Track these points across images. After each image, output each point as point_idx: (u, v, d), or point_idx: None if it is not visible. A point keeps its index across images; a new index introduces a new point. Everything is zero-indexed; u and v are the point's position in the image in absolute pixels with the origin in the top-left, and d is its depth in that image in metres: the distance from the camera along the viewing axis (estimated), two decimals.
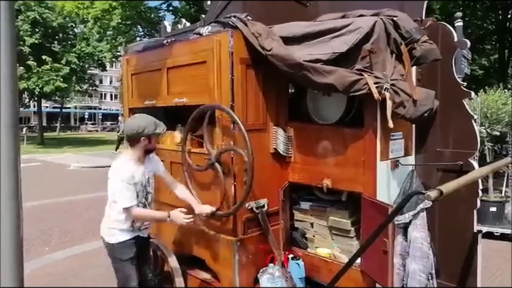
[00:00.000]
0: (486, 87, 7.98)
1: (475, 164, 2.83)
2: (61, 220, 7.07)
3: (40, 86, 22.32)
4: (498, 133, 6.61)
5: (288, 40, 2.87)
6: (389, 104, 2.54)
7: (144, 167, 2.82)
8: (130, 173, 2.71)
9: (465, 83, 2.95)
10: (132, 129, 2.71)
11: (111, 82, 56.29)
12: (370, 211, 2.69)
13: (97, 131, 49.56)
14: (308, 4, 3.74)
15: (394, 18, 2.69)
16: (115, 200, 2.73)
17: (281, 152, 3.14)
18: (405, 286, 2.56)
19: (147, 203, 2.87)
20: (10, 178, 1.89)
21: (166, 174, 3.04)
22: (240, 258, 2.95)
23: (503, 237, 5.48)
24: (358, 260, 2.64)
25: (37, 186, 9.98)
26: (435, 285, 2.68)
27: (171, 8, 17.16)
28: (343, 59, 2.64)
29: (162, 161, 3.11)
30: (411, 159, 3.05)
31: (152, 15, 17.20)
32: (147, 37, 16.41)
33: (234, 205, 2.86)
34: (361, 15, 2.80)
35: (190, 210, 2.88)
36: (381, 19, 2.63)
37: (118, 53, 18.07)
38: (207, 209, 2.89)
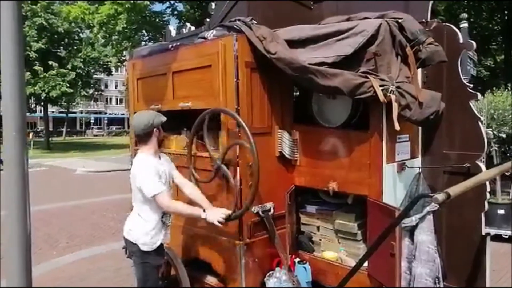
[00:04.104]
0: (494, 88, 7.93)
1: (482, 166, 2.81)
2: (68, 224, 7.11)
3: (46, 91, 22.52)
4: (505, 135, 6.56)
5: (293, 43, 2.88)
6: (395, 106, 2.53)
7: (162, 163, 2.83)
8: (154, 164, 2.72)
9: (471, 85, 2.94)
10: (144, 124, 2.72)
11: (116, 86, 56.67)
12: (377, 214, 2.68)
13: (103, 135, 49.86)
14: (312, 6, 3.75)
15: (399, 20, 2.69)
16: (143, 190, 2.64)
17: (286, 156, 3.14)
18: None
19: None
20: (18, 183, 1.92)
21: (178, 173, 3.00)
22: (246, 262, 2.94)
23: (511, 239, 5.43)
24: (365, 264, 2.63)
25: (44, 190, 10.04)
26: None
27: (175, 12, 17.27)
28: (348, 62, 2.64)
29: None
30: (418, 162, 3.03)
31: (157, 20, 17.30)
32: (152, 41, 16.50)
33: (240, 209, 2.85)
34: (365, 18, 2.79)
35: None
36: (386, 21, 2.63)
37: (124, 58, 18.22)
38: (223, 212, 2.71)
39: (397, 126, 2.52)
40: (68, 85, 23.08)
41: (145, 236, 2.72)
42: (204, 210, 2.74)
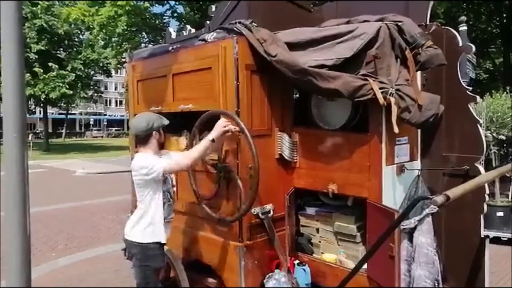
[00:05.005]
0: (493, 91, 7.95)
1: (481, 168, 2.82)
2: (67, 226, 7.10)
3: (46, 92, 22.50)
4: (504, 137, 6.57)
5: (293, 46, 2.88)
6: (394, 109, 2.54)
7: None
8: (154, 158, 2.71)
9: (470, 88, 2.95)
10: (143, 126, 2.71)
11: (116, 88, 56.62)
12: (376, 216, 2.68)
13: (102, 137, 49.83)
14: (312, 9, 3.76)
15: (399, 23, 2.70)
16: (152, 174, 2.61)
17: (286, 158, 3.14)
18: None
19: (171, 198, 2.89)
20: (18, 184, 1.92)
21: (174, 154, 2.95)
22: (246, 264, 2.94)
23: (510, 242, 5.43)
24: (364, 266, 2.63)
25: (43, 192, 10.03)
26: None
27: (175, 14, 17.26)
28: (348, 65, 2.65)
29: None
30: (417, 164, 3.04)
31: (157, 22, 17.30)
32: (152, 43, 16.50)
33: (240, 210, 2.85)
34: (365, 21, 2.81)
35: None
36: (386, 24, 2.64)
37: (123, 60, 18.19)
38: (219, 125, 2.74)
39: (396, 129, 2.53)
40: (67, 86, 23.07)
41: (148, 230, 2.70)
42: (213, 140, 2.73)
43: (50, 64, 22.77)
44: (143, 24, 16.38)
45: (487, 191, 2.81)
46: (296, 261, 3.17)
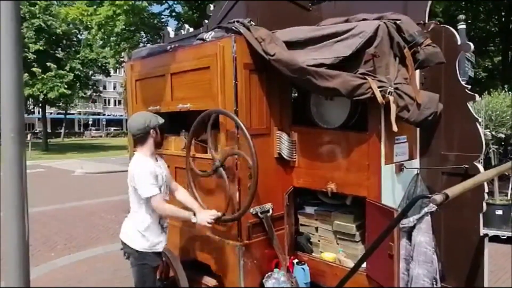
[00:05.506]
0: (492, 90, 7.96)
1: (481, 167, 2.82)
2: (66, 226, 7.09)
3: (44, 92, 22.47)
4: (503, 136, 6.58)
5: (292, 45, 2.88)
6: (393, 107, 2.54)
7: (159, 165, 2.82)
8: (151, 165, 2.70)
9: (469, 86, 2.95)
10: (139, 125, 2.72)
11: (114, 87, 56.59)
12: (375, 215, 2.68)
13: (101, 136, 49.80)
14: (311, 8, 3.76)
15: (397, 22, 2.70)
16: (138, 190, 2.65)
17: (285, 157, 3.14)
18: None
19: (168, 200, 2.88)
20: (17, 184, 1.91)
21: (170, 177, 3.00)
22: (245, 263, 2.94)
23: (509, 240, 5.44)
24: (364, 265, 2.63)
25: (42, 192, 10.01)
26: None
27: (174, 14, 17.26)
28: (346, 63, 2.64)
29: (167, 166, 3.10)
30: (416, 163, 3.04)
31: (155, 21, 17.30)
32: (150, 43, 16.50)
33: (239, 210, 2.85)
34: (364, 19, 2.80)
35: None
36: (384, 23, 2.64)
37: (122, 59, 18.20)
38: (212, 214, 2.75)
39: (395, 127, 2.53)
40: (66, 86, 23.02)
41: (141, 238, 2.72)
42: (194, 214, 2.74)
43: (48, 64, 22.72)
44: (142, 23, 16.40)
45: (486, 190, 2.81)
46: (295, 260, 3.17)
